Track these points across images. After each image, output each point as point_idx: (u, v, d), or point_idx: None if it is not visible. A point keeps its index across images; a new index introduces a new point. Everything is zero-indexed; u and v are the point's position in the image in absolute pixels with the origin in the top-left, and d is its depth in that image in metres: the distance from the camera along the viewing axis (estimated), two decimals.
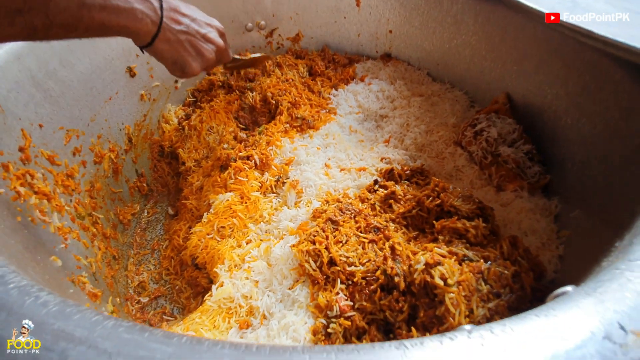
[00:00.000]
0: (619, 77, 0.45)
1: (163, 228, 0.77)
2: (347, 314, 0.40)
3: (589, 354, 0.16)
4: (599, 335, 0.16)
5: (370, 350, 0.18)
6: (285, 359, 0.19)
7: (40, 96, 0.51)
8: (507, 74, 0.69)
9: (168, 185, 0.84)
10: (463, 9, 0.73)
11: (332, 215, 0.52)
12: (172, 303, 0.64)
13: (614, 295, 0.18)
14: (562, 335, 0.17)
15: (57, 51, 0.54)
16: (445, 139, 0.69)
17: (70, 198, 0.53)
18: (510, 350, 0.16)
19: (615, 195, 0.40)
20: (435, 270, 0.36)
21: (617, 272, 0.20)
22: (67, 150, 0.56)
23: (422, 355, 0.17)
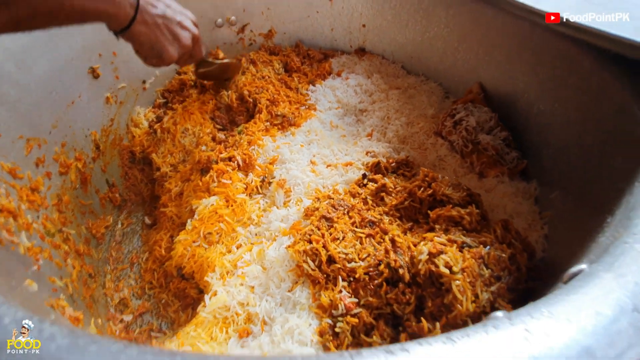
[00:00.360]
0: (588, 64, 0.48)
1: (141, 239, 0.73)
2: (354, 311, 0.40)
3: (624, 327, 0.17)
4: (628, 308, 0.17)
5: (419, 348, 0.17)
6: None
7: None
8: (479, 65, 0.72)
9: (142, 193, 0.79)
10: (434, 1, 0.75)
11: (325, 213, 0.52)
12: (159, 318, 0.60)
13: (630, 268, 0.19)
14: (596, 311, 0.17)
15: (12, 53, 0.49)
16: (426, 130, 0.71)
17: (37, 214, 0.48)
18: (554, 332, 0.17)
19: (591, 176, 0.43)
20: (439, 259, 0.37)
21: (627, 245, 0.21)
22: (29, 162, 0.50)
23: (471, 346, 0.17)
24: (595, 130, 0.45)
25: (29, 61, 0.52)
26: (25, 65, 0.51)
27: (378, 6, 0.83)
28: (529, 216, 0.51)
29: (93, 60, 0.64)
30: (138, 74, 0.75)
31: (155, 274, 0.65)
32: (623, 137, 0.39)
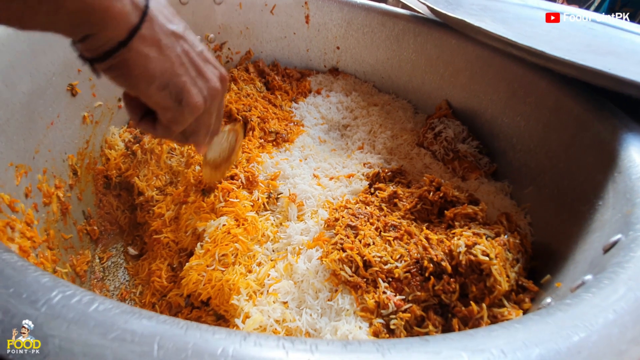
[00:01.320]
0: (544, 85, 0.60)
1: (127, 273, 0.65)
2: (404, 307, 0.43)
3: None
4: None
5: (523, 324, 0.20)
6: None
7: None
8: (445, 85, 0.83)
9: (118, 222, 0.71)
10: (404, 29, 0.85)
11: (349, 221, 0.54)
12: None
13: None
14: (636, 287, 0.23)
15: (1, 69, 0.42)
16: (409, 141, 0.79)
17: (35, 253, 0.42)
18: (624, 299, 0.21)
19: (562, 172, 0.54)
20: (475, 249, 0.43)
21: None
22: (20, 192, 0.43)
23: (565, 316, 0.20)
24: (558, 137, 0.57)
25: (14, 78, 0.45)
26: (12, 83, 0.44)
27: (352, 31, 0.91)
28: (512, 209, 0.61)
29: (72, 76, 0.58)
30: (115, 91, 0.69)
31: (158, 308, 0.59)
32: (584, 140, 0.51)
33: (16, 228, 0.35)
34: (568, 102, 0.55)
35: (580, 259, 0.36)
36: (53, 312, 0.15)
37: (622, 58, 0.84)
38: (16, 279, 0.16)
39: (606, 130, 0.47)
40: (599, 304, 0.21)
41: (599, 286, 0.22)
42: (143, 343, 0.15)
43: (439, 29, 0.80)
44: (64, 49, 0.55)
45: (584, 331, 0.18)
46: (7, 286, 0.16)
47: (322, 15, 0.90)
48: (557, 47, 0.77)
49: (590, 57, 0.78)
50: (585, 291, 0.22)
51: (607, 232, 0.35)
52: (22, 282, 0.16)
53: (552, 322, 0.19)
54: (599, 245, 0.33)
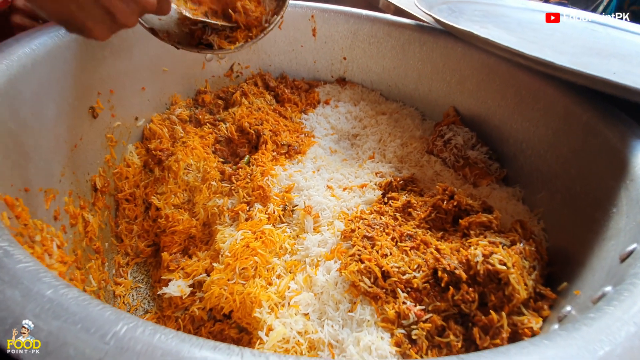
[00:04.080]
0: (552, 92, 0.61)
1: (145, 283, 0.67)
2: (424, 318, 0.44)
3: None
4: None
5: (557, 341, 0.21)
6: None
7: (18, 153, 0.41)
8: (451, 92, 0.85)
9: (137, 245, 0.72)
10: (409, 39, 0.86)
11: (365, 232, 0.56)
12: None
13: None
14: None
15: (27, 98, 0.44)
16: (419, 149, 0.80)
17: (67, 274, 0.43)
18: None
19: (574, 176, 0.55)
20: (492, 258, 0.44)
21: None
22: (50, 216, 0.45)
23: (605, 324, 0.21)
24: (568, 143, 0.58)
25: (40, 107, 0.47)
26: (38, 111, 0.46)
27: (358, 42, 0.92)
28: (525, 214, 0.62)
29: (93, 99, 0.60)
30: (131, 111, 0.72)
31: (181, 322, 0.60)
32: (594, 147, 0.51)
33: (53, 254, 0.37)
34: (576, 109, 0.56)
35: (597, 267, 0.37)
36: (122, 345, 0.17)
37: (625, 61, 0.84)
38: (82, 315, 0.18)
39: (615, 137, 0.48)
40: (621, 316, 0.22)
41: (620, 298, 0.23)
42: None
43: (444, 37, 0.81)
44: (84, 73, 0.57)
45: (609, 345, 0.20)
46: (75, 322, 0.17)
47: (329, 27, 0.92)
48: (560, 51, 0.78)
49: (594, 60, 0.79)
50: (606, 304, 0.23)
51: (622, 241, 0.36)
52: (88, 317, 0.18)
53: (578, 337, 0.20)
54: (615, 254, 0.34)
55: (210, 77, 0.87)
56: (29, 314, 0.17)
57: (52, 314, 0.18)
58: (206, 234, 0.69)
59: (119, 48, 0.64)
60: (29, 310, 0.18)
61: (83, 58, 0.57)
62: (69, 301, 0.19)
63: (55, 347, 0.16)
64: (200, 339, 0.18)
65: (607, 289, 0.27)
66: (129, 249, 0.70)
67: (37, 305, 0.18)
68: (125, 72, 0.67)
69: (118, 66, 0.65)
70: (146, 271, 0.69)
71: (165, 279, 0.63)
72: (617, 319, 0.22)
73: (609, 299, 0.24)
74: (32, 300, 0.18)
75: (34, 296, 0.18)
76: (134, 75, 0.70)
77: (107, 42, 0.61)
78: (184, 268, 0.64)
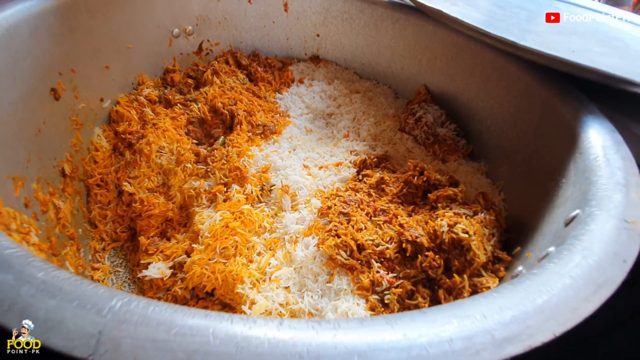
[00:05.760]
0: (515, 70, 0.65)
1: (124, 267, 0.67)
2: (396, 284, 0.48)
3: (620, 238, 0.28)
4: (621, 227, 0.29)
5: (507, 291, 0.25)
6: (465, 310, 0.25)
7: None
8: (423, 70, 0.87)
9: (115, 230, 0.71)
10: (382, 16, 0.87)
11: (341, 209, 0.58)
12: None
13: (610, 205, 0.32)
14: (603, 237, 0.28)
15: None
16: (392, 127, 0.82)
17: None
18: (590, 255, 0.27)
19: (531, 152, 0.60)
20: (456, 228, 0.48)
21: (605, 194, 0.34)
22: (20, 204, 0.44)
23: (544, 279, 0.25)
24: (527, 119, 0.62)
25: (1, 90, 0.44)
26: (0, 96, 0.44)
27: (331, 18, 0.91)
28: (488, 187, 0.66)
29: (54, 80, 0.57)
30: (95, 91, 0.68)
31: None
32: (551, 122, 0.56)
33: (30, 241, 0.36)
34: (536, 86, 0.60)
35: (547, 231, 0.42)
36: (119, 318, 0.18)
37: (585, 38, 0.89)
38: (77, 293, 0.19)
39: (569, 113, 0.53)
40: (559, 271, 0.25)
41: (560, 257, 0.27)
42: (201, 335, 0.18)
43: (416, 15, 0.82)
44: (42, 53, 0.54)
45: (547, 294, 0.23)
46: (70, 300, 0.18)
47: (301, 2, 0.90)
48: (526, 29, 0.82)
49: (556, 38, 0.83)
50: (548, 261, 0.27)
51: (568, 207, 0.40)
52: (83, 295, 0.19)
53: (522, 289, 0.24)
54: (561, 219, 0.39)
55: (178, 55, 0.84)
56: (24, 295, 0.18)
57: (47, 294, 0.18)
58: (183, 217, 0.69)
59: (77, 23, 0.60)
60: (24, 291, 0.18)
61: (41, 36, 0.53)
62: (62, 282, 0.19)
63: (54, 324, 0.17)
64: (192, 309, 0.20)
65: (550, 249, 0.31)
66: (104, 234, 0.69)
67: (32, 286, 0.19)
68: (86, 50, 0.63)
69: (79, 43, 0.61)
70: (124, 255, 0.69)
71: (145, 263, 0.63)
72: (555, 273, 0.25)
73: (551, 257, 0.28)
74: (25, 283, 0.19)
75: (26, 278, 0.19)
76: (96, 53, 0.66)
77: (64, 18, 0.57)
78: (163, 251, 0.64)
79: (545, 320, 0.22)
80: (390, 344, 0.19)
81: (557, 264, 0.26)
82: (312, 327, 0.19)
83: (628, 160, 0.40)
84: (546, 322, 0.22)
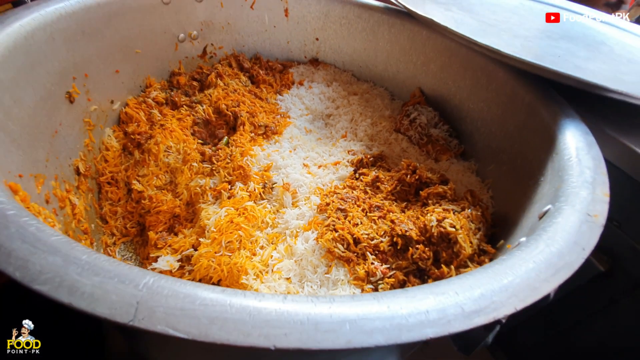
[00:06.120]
0: (502, 75, 0.69)
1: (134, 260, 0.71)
2: (389, 274, 0.52)
3: (582, 229, 0.32)
4: (584, 219, 0.33)
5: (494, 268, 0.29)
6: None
7: (8, 140, 0.42)
8: (417, 73, 0.91)
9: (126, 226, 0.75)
10: (379, 21, 0.90)
11: (339, 205, 0.62)
12: None
13: (576, 201, 0.36)
14: (566, 228, 0.32)
15: (5, 85, 0.45)
16: (388, 128, 0.86)
17: None
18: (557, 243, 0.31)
19: (517, 151, 0.64)
20: (444, 223, 0.52)
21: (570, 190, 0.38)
22: (42, 200, 0.48)
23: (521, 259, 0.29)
24: (513, 121, 0.66)
25: (20, 93, 0.48)
26: (18, 98, 0.47)
27: (330, 23, 0.95)
28: (477, 185, 0.70)
29: (69, 84, 0.61)
30: (106, 94, 0.72)
31: None
32: (533, 125, 0.60)
33: None
34: (520, 91, 0.64)
35: (525, 225, 0.46)
36: (152, 291, 0.22)
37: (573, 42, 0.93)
38: (116, 271, 0.23)
39: (549, 116, 0.57)
40: (524, 257, 0.29)
41: (527, 245, 0.31)
42: (220, 305, 0.22)
43: (411, 20, 0.86)
44: (58, 59, 0.58)
45: (511, 276, 0.27)
46: (111, 277, 0.22)
47: (301, 8, 0.93)
48: (516, 34, 0.86)
49: (544, 43, 0.88)
50: (517, 250, 0.31)
51: (543, 203, 0.44)
52: (121, 273, 0.23)
53: (490, 272, 0.28)
54: (537, 214, 0.43)
55: (183, 59, 0.88)
56: (72, 273, 0.22)
57: (92, 272, 0.22)
58: (190, 213, 0.73)
59: (90, 30, 0.64)
60: (71, 270, 0.22)
61: (56, 42, 0.57)
62: (103, 262, 0.23)
63: (100, 296, 0.21)
64: (210, 286, 0.24)
65: (522, 240, 0.35)
66: (115, 229, 0.73)
67: (78, 266, 0.22)
68: (98, 55, 0.67)
69: (91, 49, 0.65)
70: (133, 249, 0.73)
71: (154, 256, 0.67)
72: (521, 259, 0.29)
73: (521, 246, 0.32)
74: (72, 263, 0.23)
75: (72, 260, 0.23)
76: (107, 58, 0.70)
77: (78, 24, 0.61)
78: (171, 245, 0.68)
79: (509, 297, 0.26)
80: (375, 314, 0.23)
81: (523, 251, 0.30)
82: (311, 300, 0.23)
83: (597, 160, 0.44)
84: (509, 298, 0.26)
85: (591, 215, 0.34)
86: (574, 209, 0.35)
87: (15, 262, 0.21)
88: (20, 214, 0.25)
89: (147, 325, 0.20)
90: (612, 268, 0.59)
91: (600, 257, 0.62)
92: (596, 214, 0.35)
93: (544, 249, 0.30)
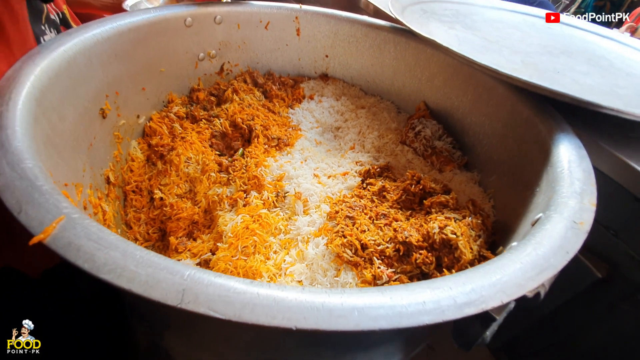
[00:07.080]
0: (502, 91, 0.73)
1: None
2: (394, 278, 0.56)
3: (567, 235, 0.36)
4: (570, 226, 0.37)
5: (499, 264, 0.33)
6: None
7: (56, 153, 0.48)
8: (422, 88, 0.95)
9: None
10: (385, 39, 0.96)
11: (347, 213, 0.67)
12: None
13: (565, 210, 0.40)
14: (553, 234, 0.36)
15: (54, 105, 0.51)
16: (394, 140, 0.91)
17: None
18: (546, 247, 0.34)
19: (516, 163, 0.67)
20: (446, 230, 0.55)
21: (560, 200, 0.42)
22: (81, 206, 0.53)
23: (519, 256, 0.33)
24: (513, 134, 0.70)
25: (64, 112, 0.54)
26: (63, 116, 0.54)
27: (339, 41, 1.01)
28: (480, 195, 0.74)
29: (102, 101, 0.67)
30: (134, 110, 0.79)
31: None
32: (531, 138, 0.64)
33: None
34: (519, 106, 0.68)
35: (520, 232, 0.49)
36: (195, 280, 0.26)
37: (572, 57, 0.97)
38: (164, 265, 0.27)
39: (545, 130, 0.60)
40: (513, 259, 0.33)
41: (517, 248, 0.35)
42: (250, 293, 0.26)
43: (415, 39, 0.91)
44: (94, 78, 0.64)
45: (500, 274, 0.31)
46: (161, 269, 0.27)
47: (312, 28, 1.00)
48: (516, 49, 0.90)
49: (544, 58, 0.92)
50: (508, 252, 0.35)
51: (537, 212, 0.48)
52: (169, 266, 0.27)
53: (482, 271, 0.32)
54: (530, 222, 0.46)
55: (202, 75, 0.94)
56: (130, 265, 0.27)
57: (145, 265, 0.27)
58: (208, 220, 0.78)
59: (122, 52, 0.71)
60: (129, 262, 0.27)
61: (93, 64, 0.63)
62: (153, 257, 0.28)
63: (154, 284, 0.26)
64: (238, 278, 0.28)
65: (514, 244, 0.39)
66: (138, 234, 0.78)
67: (134, 260, 0.27)
68: (128, 75, 0.74)
69: (122, 69, 0.72)
70: None
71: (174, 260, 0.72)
72: (510, 260, 0.33)
73: (511, 249, 0.36)
74: (129, 258, 0.27)
75: (130, 255, 0.28)
76: (136, 77, 0.76)
77: (112, 48, 0.68)
78: (190, 249, 0.73)
79: (497, 292, 0.29)
80: (380, 304, 0.27)
81: (513, 253, 0.34)
82: (325, 292, 0.28)
83: (587, 173, 0.47)
84: (497, 293, 0.29)
85: (577, 223, 0.38)
86: (562, 216, 0.39)
87: (84, 255, 0.26)
88: (82, 217, 0.30)
89: (192, 307, 0.24)
90: (611, 275, 0.62)
91: (599, 265, 0.65)
92: (582, 222, 0.38)
93: (531, 252, 0.34)
